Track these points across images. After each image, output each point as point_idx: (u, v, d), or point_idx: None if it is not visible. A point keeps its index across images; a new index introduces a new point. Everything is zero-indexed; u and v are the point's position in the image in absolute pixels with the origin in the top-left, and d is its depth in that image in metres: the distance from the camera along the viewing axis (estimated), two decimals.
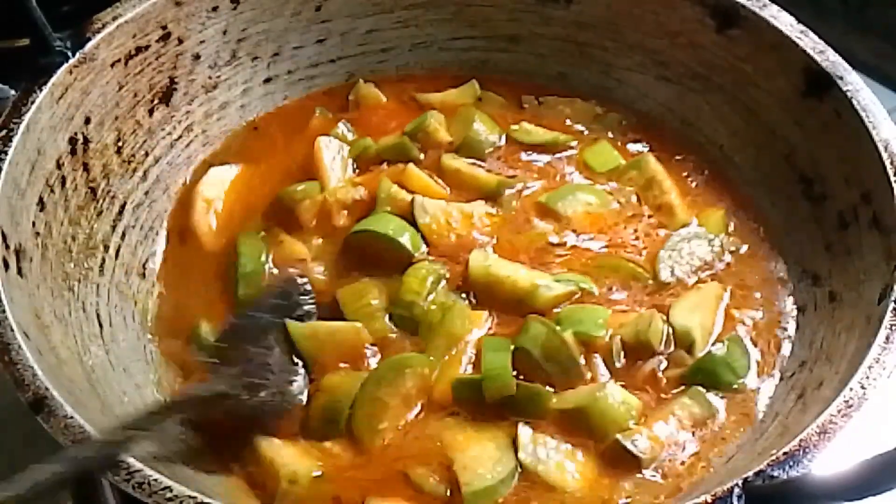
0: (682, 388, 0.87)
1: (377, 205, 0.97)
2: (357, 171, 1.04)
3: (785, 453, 0.68)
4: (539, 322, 0.87)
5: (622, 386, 0.85)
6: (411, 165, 1.01)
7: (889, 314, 0.77)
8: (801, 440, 0.69)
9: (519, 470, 0.81)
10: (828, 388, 0.77)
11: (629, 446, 0.81)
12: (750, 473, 0.67)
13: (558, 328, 0.86)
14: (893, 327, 0.76)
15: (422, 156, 1.04)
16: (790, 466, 0.68)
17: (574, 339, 0.86)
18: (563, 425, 0.83)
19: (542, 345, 0.86)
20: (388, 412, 0.84)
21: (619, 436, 0.81)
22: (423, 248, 0.95)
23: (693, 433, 0.84)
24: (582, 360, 0.86)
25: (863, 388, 0.72)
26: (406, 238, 0.94)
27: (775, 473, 0.67)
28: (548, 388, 0.85)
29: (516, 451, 0.81)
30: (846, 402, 0.71)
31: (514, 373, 0.84)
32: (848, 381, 0.73)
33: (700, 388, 0.86)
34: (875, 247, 0.85)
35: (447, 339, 0.89)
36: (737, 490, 0.65)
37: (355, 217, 0.98)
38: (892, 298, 0.78)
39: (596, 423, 0.82)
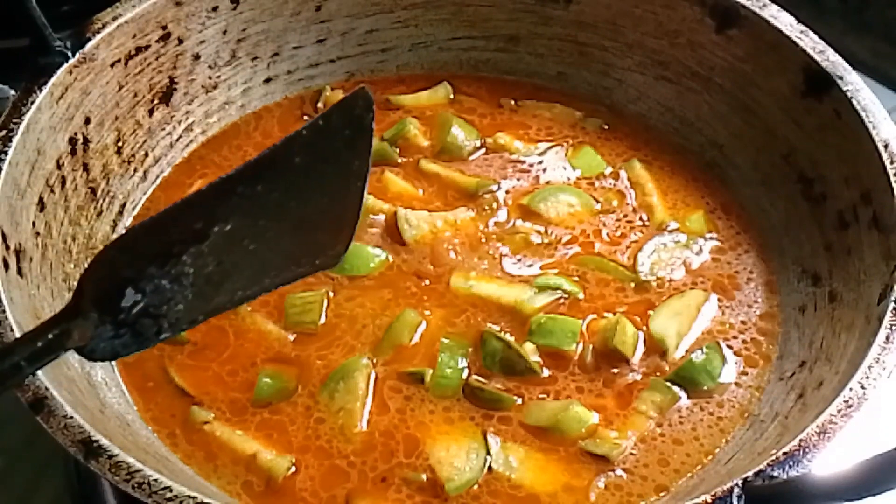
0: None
1: None
2: None
3: (785, 453, 0.68)
4: (494, 337, 0.88)
5: (593, 390, 0.86)
6: (388, 171, 1.03)
7: (889, 314, 0.77)
8: (801, 440, 0.69)
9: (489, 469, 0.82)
10: (828, 388, 0.77)
11: (593, 448, 0.82)
12: (750, 473, 0.67)
13: (514, 342, 0.87)
14: (893, 327, 0.76)
15: (400, 160, 1.05)
16: (790, 466, 0.68)
17: (542, 350, 0.88)
18: (529, 429, 0.84)
19: (499, 361, 0.87)
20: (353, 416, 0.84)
21: (581, 443, 0.83)
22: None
23: (662, 425, 0.85)
24: (546, 372, 0.87)
25: (863, 388, 0.72)
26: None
27: (775, 473, 0.67)
28: (515, 396, 0.86)
29: (487, 448, 0.82)
30: (846, 402, 0.71)
31: (477, 377, 0.86)
32: (848, 381, 0.73)
33: (657, 378, 0.87)
34: (875, 247, 0.85)
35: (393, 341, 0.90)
36: (736, 490, 0.65)
37: None
38: (892, 298, 0.77)
39: (559, 438, 0.84)
